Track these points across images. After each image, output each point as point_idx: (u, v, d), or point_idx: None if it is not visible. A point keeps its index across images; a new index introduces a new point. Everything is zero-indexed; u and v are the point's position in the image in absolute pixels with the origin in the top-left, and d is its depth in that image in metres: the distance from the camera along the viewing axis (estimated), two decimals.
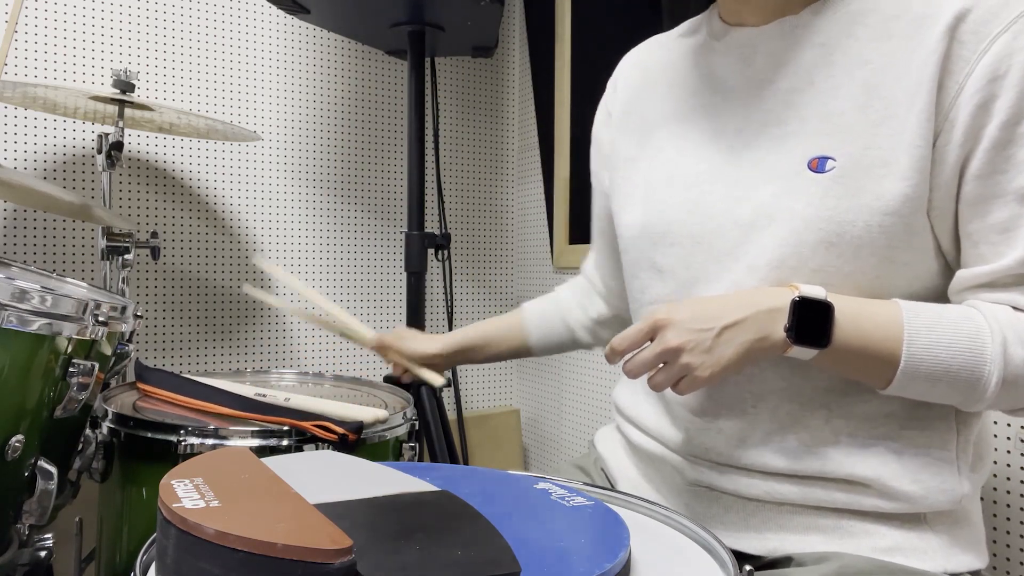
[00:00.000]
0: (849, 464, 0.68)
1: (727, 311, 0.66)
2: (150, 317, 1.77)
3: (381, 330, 2.07)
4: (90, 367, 0.87)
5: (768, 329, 0.65)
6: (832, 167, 0.66)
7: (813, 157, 0.68)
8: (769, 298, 0.66)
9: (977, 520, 0.72)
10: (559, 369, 2.06)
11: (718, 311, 0.66)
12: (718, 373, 0.65)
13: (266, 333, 1.89)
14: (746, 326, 0.65)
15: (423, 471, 0.59)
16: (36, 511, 0.86)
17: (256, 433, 0.90)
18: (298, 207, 1.92)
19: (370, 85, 2.02)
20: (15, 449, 0.81)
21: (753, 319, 0.65)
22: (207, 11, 1.81)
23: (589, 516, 0.52)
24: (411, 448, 1.03)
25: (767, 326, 0.65)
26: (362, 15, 1.62)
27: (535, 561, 0.42)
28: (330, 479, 0.54)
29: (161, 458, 0.89)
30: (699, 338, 0.65)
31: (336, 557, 0.37)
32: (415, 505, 0.50)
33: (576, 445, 2.00)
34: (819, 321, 0.64)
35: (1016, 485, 1.05)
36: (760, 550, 0.71)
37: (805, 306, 0.64)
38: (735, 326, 0.65)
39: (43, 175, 1.66)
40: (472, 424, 2.09)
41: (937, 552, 0.68)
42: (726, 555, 0.50)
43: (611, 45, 1.84)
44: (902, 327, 0.63)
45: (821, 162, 0.67)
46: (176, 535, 0.40)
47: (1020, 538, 1.05)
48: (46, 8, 1.65)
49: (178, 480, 0.45)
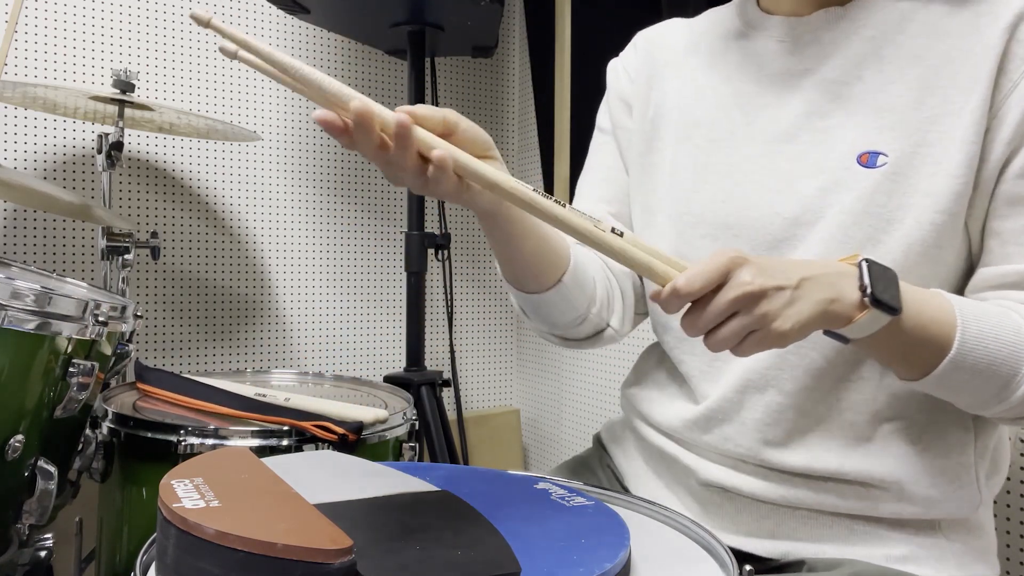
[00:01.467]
0: (867, 465, 0.67)
1: (800, 266, 0.59)
2: (150, 317, 1.77)
3: (382, 330, 2.07)
4: (90, 367, 0.87)
5: (842, 290, 0.58)
6: (884, 162, 0.65)
7: (863, 152, 0.66)
8: (835, 263, 0.61)
9: (990, 530, 0.72)
10: (559, 369, 2.06)
11: (791, 264, 0.59)
12: (796, 331, 0.57)
13: (266, 333, 1.89)
14: (822, 282, 0.58)
15: (423, 471, 0.59)
16: (36, 511, 0.86)
17: (256, 433, 0.90)
18: (298, 207, 1.92)
19: (370, 85, 2.02)
20: (15, 449, 0.81)
21: (826, 277, 0.58)
22: (207, 11, 1.81)
23: (589, 516, 0.52)
24: (411, 448, 1.03)
25: (841, 286, 0.58)
26: (362, 15, 1.62)
27: (535, 561, 0.42)
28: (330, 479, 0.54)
29: (161, 458, 0.89)
30: (782, 282, 0.56)
31: (336, 557, 0.37)
32: (415, 505, 0.50)
33: (576, 445, 2.00)
34: (890, 286, 0.59)
35: (1016, 486, 1.05)
36: (773, 553, 0.70)
37: (876, 268, 0.59)
38: (812, 280, 0.58)
39: (43, 175, 1.66)
40: (472, 424, 2.09)
41: (950, 561, 0.67)
42: (726, 555, 0.50)
43: (611, 45, 1.84)
44: (955, 315, 0.61)
45: (872, 157, 0.66)
46: (176, 535, 0.40)
47: (1020, 538, 1.05)
48: (46, 8, 1.65)
49: (178, 480, 0.45)
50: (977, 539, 0.70)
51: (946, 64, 0.66)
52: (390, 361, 2.06)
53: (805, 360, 0.69)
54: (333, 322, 1.98)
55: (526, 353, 2.22)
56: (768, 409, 0.70)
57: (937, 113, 0.65)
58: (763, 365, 0.70)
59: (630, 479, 0.83)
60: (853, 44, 0.70)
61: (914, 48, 0.67)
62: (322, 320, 1.96)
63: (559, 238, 0.74)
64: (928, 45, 0.67)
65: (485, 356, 2.21)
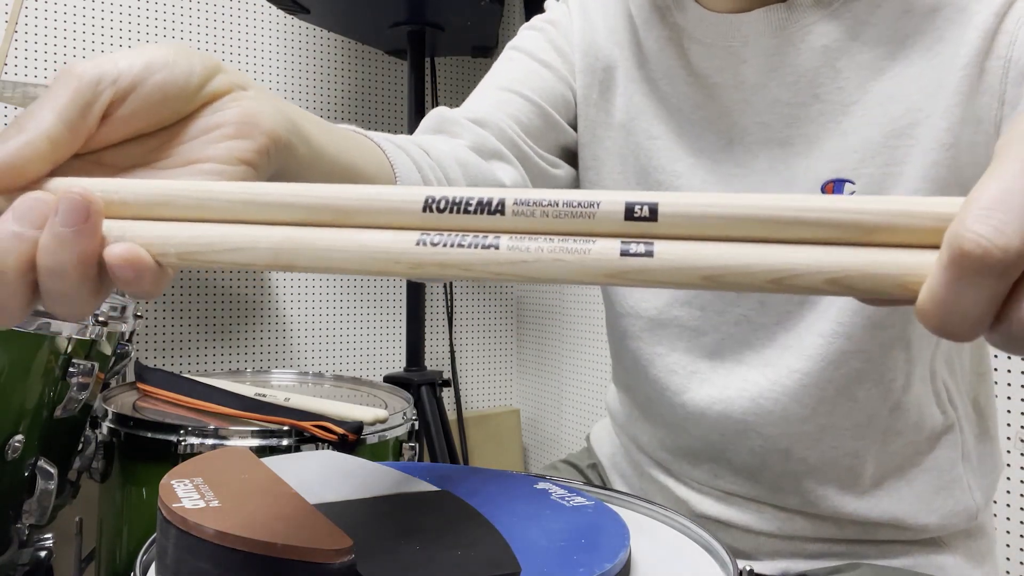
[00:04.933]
0: (865, 508, 0.66)
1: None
2: (150, 317, 1.77)
3: (381, 330, 2.07)
4: (90, 367, 0.87)
5: None
6: (851, 191, 0.59)
7: (827, 181, 0.60)
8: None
9: (991, 530, 0.71)
10: (559, 369, 2.06)
11: None
12: None
13: (266, 333, 1.89)
14: None
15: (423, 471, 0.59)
16: (36, 511, 0.86)
17: (256, 433, 0.90)
18: None
19: (370, 85, 2.02)
20: (15, 449, 0.81)
21: None
22: (207, 11, 1.81)
23: (589, 516, 0.52)
24: (411, 448, 1.03)
25: None
26: (362, 15, 1.62)
27: (535, 561, 0.42)
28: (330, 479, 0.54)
29: (161, 458, 0.89)
30: None
31: (336, 557, 0.37)
32: (415, 505, 0.50)
33: (576, 445, 2.00)
34: None
35: (1016, 486, 1.05)
36: (772, 571, 0.70)
37: None
38: None
39: None
40: (472, 424, 2.09)
41: (953, 570, 0.67)
42: (726, 555, 0.50)
43: None
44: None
45: (837, 186, 0.60)
46: (176, 535, 0.40)
47: (1020, 538, 1.05)
48: (46, 8, 1.65)
49: (178, 480, 0.45)
50: (979, 541, 0.70)
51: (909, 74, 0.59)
52: (390, 361, 2.06)
53: (778, 406, 0.65)
54: (333, 322, 1.98)
55: (526, 353, 2.22)
56: (753, 452, 0.67)
57: (904, 125, 0.58)
58: (740, 411, 0.66)
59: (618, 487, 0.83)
60: (803, 57, 0.61)
61: (873, 60, 0.60)
62: (322, 320, 1.96)
63: (375, 167, 0.49)
64: (887, 52, 0.59)
65: (485, 356, 2.21)
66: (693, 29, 0.65)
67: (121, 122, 0.32)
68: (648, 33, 0.69)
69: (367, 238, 0.29)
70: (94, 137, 0.32)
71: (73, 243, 0.29)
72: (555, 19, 0.74)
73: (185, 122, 0.34)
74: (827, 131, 0.61)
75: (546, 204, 0.29)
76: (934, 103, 0.57)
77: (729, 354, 0.67)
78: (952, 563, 0.67)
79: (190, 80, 0.33)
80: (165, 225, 0.30)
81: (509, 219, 0.29)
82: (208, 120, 0.34)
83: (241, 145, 0.34)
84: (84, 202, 0.29)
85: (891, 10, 0.59)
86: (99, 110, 0.31)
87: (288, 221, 0.30)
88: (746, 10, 0.62)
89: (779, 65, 0.62)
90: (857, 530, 0.67)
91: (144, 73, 0.32)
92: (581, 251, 0.28)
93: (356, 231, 0.30)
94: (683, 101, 0.67)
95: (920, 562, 0.67)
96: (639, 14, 0.69)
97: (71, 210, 0.28)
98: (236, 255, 0.30)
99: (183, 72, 0.33)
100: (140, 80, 0.32)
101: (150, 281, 0.30)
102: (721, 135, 0.65)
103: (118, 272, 0.29)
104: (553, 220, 0.29)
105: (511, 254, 0.28)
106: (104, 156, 0.33)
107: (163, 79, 0.32)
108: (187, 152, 0.34)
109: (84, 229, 0.29)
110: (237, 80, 0.35)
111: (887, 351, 0.62)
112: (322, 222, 0.30)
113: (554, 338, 2.10)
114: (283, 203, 0.30)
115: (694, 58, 0.66)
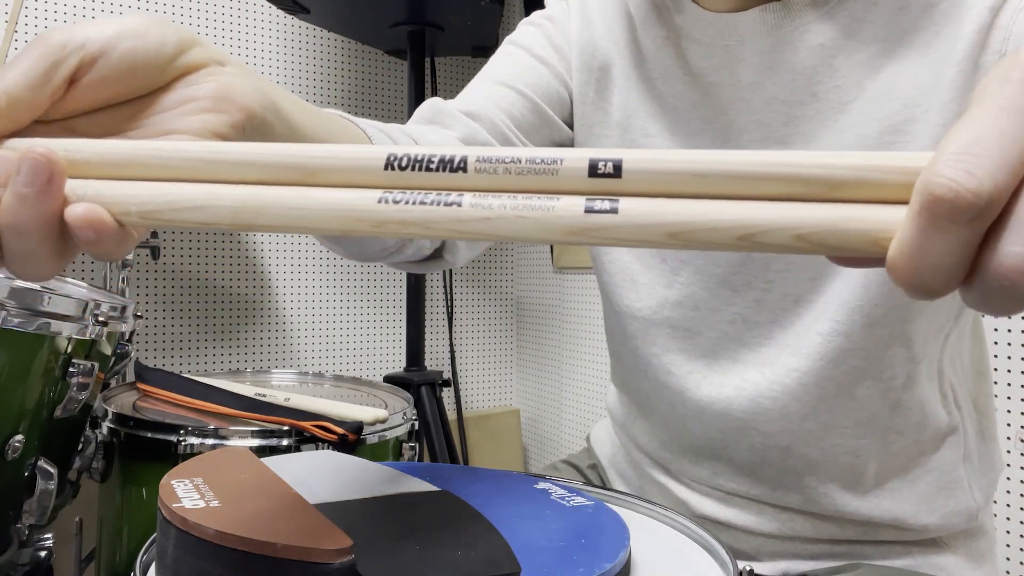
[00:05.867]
0: (866, 508, 0.65)
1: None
2: (150, 317, 1.77)
3: (382, 330, 2.07)
4: (90, 367, 0.87)
5: None
6: None
7: None
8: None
9: (991, 530, 0.71)
10: (559, 369, 2.06)
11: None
12: None
13: (266, 333, 1.89)
14: None
15: (423, 471, 0.59)
16: (36, 511, 0.86)
17: (256, 433, 0.90)
18: None
19: (370, 85, 2.02)
20: (15, 449, 0.81)
21: None
22: (207, 11, 1.81)
23: (589, 516, 0.52)
24: (411, 448, 1.03)
25: None
26: (362, 15, 1.62)
27: (535, 561, 0.42)
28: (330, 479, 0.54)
29: (161, 458, 0.89)
30: None
31: (336, 557, 0.37)
32: (415, 505, 0.50)
33: (576, 445, 2.00)
34: None
35: (1016, 485, 1.05)
36: (773, 571, 0.70)
37: None
38: None
39: None
40: (472, 424, 2.09)
41: (953, 570, 0.67)
42: (726, 555, 0.50)
43: None
44: None
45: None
46: (176, 535, 0.40)
47: (1020, 538, 1.05)
48: (46, 8, 1.65)
49: (178, 480, 0.45)
50: (980, 540, 0.70)
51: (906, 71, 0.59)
52: (390, 361, 2.06)
53: (778, 404, 0.65)
54: (333, 322, 1.98)
55: (526, 353, 2.22)
56: (753, 450, 0.67)
57: (901, 120, 0.58)
58: (739, 409, 0.66)
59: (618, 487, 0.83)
60: (800, 56, 0.61)
61: (869, 59, 0.60)
62: (322, 320, 1.96)
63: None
64: (883, 50, 0.59)
65: (485, 356, 2.21)
66: (691, 29, 0.65)
67: (89, 88, 0.32)
68: (646, 32, 0.69)
69: (329, 196, 0.29)
70: (63, 102, 0.32)
71: (35, 202, 0.29)
72: (554, 16, 0.74)
73: (159, 93, 0.34)
74: (824, 129, 0.61)
75: (509, 161, 0.29)
76: (930, 99, 0.57)
77: (725, 353, 0.67)
78: (952, 563, 0.67)
79: (162, 50, 0.33)
80: (128, 184, 0.30)
81: (472, 176, 0.29)
82: (183, 93, 0.34)
83: (216, 119, 0.34)
84: (47, 162, 0.29)
85: (887, 7, 0.59)
86: (64, 73, 0.31)
87: (251, 180, 0.30)
88: (743, 9, 0.62)
89: (776, 64, 0.62)
90: (858, 530, 0.67)
91: (114, 40, 0.32)
92: (544, 208, 0.28)
93: (318, 190, 0.29)
94: (680, 100, 0.67)
95: (920, 562, 0.67)
96: (638, 14, 0.70)
97: (33, 170, 0.29)
98: (198, 213, 0.30)
99: (155, 42, 0.33)
100: (109, 47, 0.32)
101: (112, 242, 0.30)
102: (718, 134, 0.65)
103: (79, 232, 0.29)
104: (516, 177, 0.29)
105: (474, 211, 0.28)
106: (76, 124, 0.33)
107: (133, 46, 0.32)
108: (160, 123, 0.34)
109: (47, 188, 0.29)
110: (215, 55, 0.35)
111: (886, 348, 0.62)
112: (285, 181, 0.30)
113: (554, 338, 2.10)
114: (246, 161, 0.30)
115: (691, 57, 0.66)
